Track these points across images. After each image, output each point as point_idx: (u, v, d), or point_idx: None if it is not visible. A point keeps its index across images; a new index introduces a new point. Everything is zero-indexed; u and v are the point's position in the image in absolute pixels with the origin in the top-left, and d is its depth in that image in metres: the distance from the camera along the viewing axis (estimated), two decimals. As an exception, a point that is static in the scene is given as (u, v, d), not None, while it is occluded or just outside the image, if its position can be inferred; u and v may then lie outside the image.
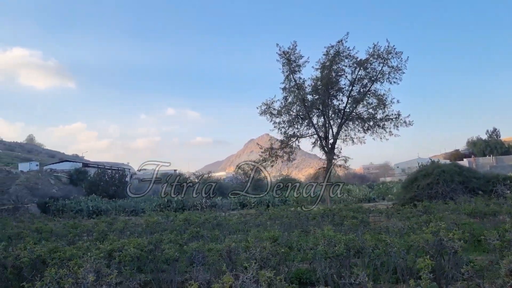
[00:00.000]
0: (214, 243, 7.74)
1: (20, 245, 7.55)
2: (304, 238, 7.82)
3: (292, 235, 7.40)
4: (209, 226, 12.02)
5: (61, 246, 6.53)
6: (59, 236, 10.56)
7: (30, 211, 39.80)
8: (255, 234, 7.90)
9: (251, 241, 5.90)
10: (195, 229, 9.00)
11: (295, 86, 24.55)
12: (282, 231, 9.37)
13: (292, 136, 25.15)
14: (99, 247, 6.35)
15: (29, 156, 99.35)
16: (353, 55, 23.84)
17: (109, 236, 8.86)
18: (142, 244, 6.18)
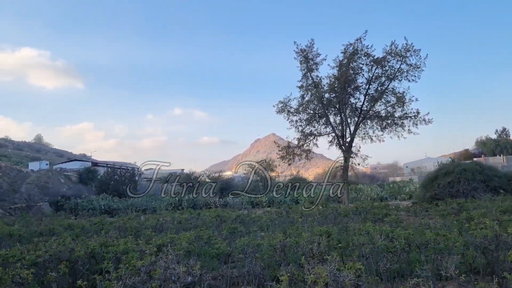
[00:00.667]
0: (252, 238, 7.68)
1: (59, 240, 7.52)
2: (345, 234, 7.73)
3: (332, 231, 7.29)
4: (240, 222, 11.91)
5: (110, 241, 6.49)
6: (90, 233, 10.53)
7: (42, 210, 40.00)
8: (294, 231, 7.80)
9: (305, 236, 5.83)
10: (232, 225, 8.94)
11: (312, 84, 24.45)
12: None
13: (310, 135, 25.04)
14: (148, 241, 6.30)
15: (38, 155, 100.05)
16: (370, 53, 23.71)
17: (146, 232, 8.82)
18: (191, 239, 6.12)
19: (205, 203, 41.02)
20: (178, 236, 6.42)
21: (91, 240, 6.82)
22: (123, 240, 6.58)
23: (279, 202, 39.61)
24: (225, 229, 8.61)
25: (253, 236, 8.47)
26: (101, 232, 9.76)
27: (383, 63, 23.80)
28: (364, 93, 24.52)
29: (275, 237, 6.02)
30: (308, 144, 25.26)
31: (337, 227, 8.68)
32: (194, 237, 6.40)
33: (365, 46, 23.57)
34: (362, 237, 5.82)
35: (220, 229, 10.35)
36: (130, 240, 6.38)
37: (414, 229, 7.39)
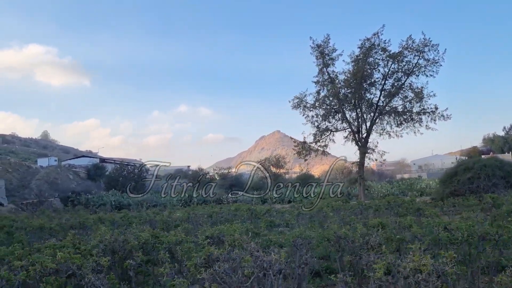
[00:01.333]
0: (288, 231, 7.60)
1: (98, 233, 7.49)
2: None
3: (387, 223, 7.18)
4: (268, 216, 11.85)
5: (157, 232, 6.45)
6: (121, 225, 10.51)
7: (53, 205, 40.16)
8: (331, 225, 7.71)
9: (360, 228, 5.75)
10: (269, 219, 8.88)
11: (328, 80, 24.30)
12: (343, 223, 9.23)
13: (326, 130, 24.90)
14: (201, 232, 6.25)
15: (45, 152, 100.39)
16: (387, 47, 23.50)
17: (182, 225, 8.77)
18: (242, 230, 6.06)
19: (216, 199, 41.05)
20: (227, 227, 6.36)
21: (139, 232, 6.79)
22: (172, 232, 6.55)
23: (290, 199, 39.57)
24: (262, 222, 8.57)
25: (291, 230, 8.35)
26: (132, 226, 9.73)
27: (399, 58, 23.59)
28: (380, 89, 24.33)
29: (333, 229, 5.96)
30: (324, 139, 25.13)
31: (377, 220, 8.56)
32: (242, 229, 6.33)
33: (382, 40, 23.41)
34: (419, 229, 5.75)
35: (254, 222, 10.32)
36: (178, 232, 6.34)
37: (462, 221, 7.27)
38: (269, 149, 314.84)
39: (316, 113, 24.79)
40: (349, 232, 5.63)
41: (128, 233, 6.84)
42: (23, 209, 36.69)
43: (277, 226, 9.41)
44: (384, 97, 24.23)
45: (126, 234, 6.36)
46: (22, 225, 10.60)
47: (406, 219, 7.41)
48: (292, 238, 5.69)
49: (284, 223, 10.68)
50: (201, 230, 6.98)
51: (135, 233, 6.62)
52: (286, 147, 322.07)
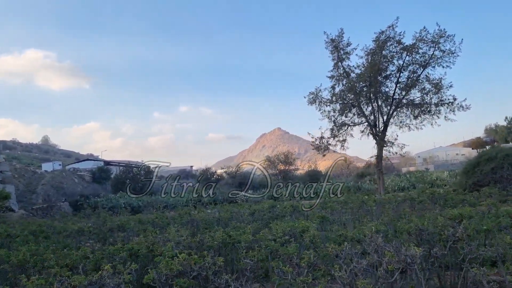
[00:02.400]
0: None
1: (143, 235, 7.32)
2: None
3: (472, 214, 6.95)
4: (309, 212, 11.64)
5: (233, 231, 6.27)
6: (160, 227, 10.29)
7: (63, 209, 39.97)
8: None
9: (441, 219, 5.57)
10: (321, 214, 8.71)
11: (344, 74, 24.14)
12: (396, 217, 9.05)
13: (343, 125, 24.77)
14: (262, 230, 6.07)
15: (47, 156, 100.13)
16: (401, 40, 23.32)
17: (232, 224, 8.55)
18: (309, 226, 5.89)
19: (226, 199, 40.93)
20: (293, 224, 6.18)
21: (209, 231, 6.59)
22: (242, 230, 6.35)
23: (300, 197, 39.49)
24: (315, 218, 8.36)
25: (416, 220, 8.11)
26: (174, 226, 9.51)
27: (413, 50, 23.40)
28: (395, 82, 24.15)
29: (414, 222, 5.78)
30: (342, 134, 25.00)
31: (433, 214, 8.42)
32: (307, 225, 6.14)
33: (397, 33, 23.23)
34: (504, 219, 5.59)
35: (295, 217, 10.16)
36: (249, 230, 6.16)
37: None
38: (270, 146, 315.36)
39: (333, 108, 24.69)
40: (428, 224, 5.46)
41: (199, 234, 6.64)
42: (34, 214, 36.47)
43: (331, 223, 9.20)
44: (400, 89, 24.08)
45: (198, 235, 6.17)
46: (59, 229, 10.40)
47: (466, 209, 7.23)
48: (370, 232, 5.49)
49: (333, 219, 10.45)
50: (256, 227, 6.79)
51: (208, 234, 6.42)
52: (287, 144, 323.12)
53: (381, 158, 24.76)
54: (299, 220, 7.35)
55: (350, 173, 66.55)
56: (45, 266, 5.03)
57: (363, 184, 44.76)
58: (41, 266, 5.08)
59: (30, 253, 5.46)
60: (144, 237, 6.66)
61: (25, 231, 10.31)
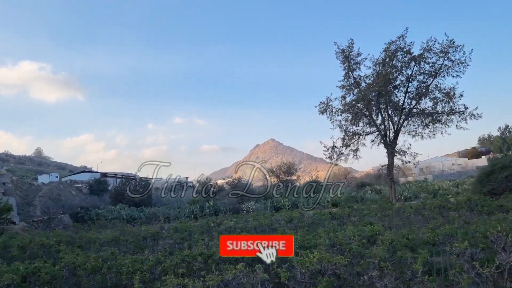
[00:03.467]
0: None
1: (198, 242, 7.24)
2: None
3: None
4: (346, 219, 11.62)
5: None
6: (197, 234, 10.21)
7: (63, 222, 39.43)
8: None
9: (507, 224, 5.61)
10: (368, 221, 8.72)
11: (354, 84, 24.36)
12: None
13: (355, 134, 24.89)
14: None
15: (40, 169, 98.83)
16: (411, 50, 23.62)
17: (279, 229, 8.50)
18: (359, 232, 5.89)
19: (230, 209, 40.68)
20: (362, 228, 6.18)
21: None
22: (312, 235, 6.33)
23: (302, 205, 39.43)
24: (364, 224, 8.37)
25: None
26: (212, 233, 9.43)
27: (420, 60, 23.70)
28: (404, 91, 24.40)
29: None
30: (355, 143, 25.12)
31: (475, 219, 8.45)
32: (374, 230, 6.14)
33: (408, 43, 23.54)
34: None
35: (334, 225, 10.13)
36: (322, 235, 6.14)
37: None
38: (264, 157, 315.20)
39: (345, 117, 24.85)
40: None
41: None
42: (35, 226, 35.92)
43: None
44: (410, 99, 24.33)
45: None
46: (93, 239, 10.22)
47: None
48: (441, 236, 5.51)
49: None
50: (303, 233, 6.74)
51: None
52: (281, 155, 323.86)
53: (392, 167, 24.89)
54: (360, 225, 7.31)
55: (348, 183, 66.66)
56: (120, 271, 4.94)
57: (366, 194, 44.86)
58: (116, 270, 4.99)
59: (101, 259, 5.38)
60: (199, 245, 6.58)
61: (58, 241, 10.14)
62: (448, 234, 5.40)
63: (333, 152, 25.27)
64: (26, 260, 8.67)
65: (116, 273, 4.89)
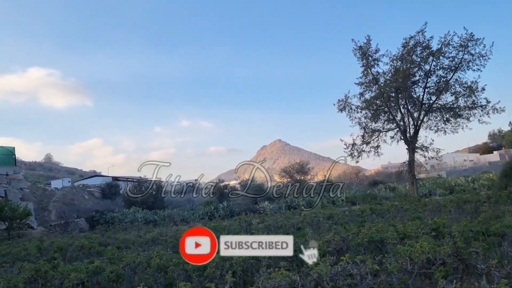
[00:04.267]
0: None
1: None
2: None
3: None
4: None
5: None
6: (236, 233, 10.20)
7: (80, 225, 39.66)
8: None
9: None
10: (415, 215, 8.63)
11: (373, 81, 24.21)
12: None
13: (375, 131, 24.74)
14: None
15: (51, 174, 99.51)
16: (430, 45, 23.37)
17: (324, 226, 8.44)
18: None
19: (243, 209, 40.60)
20: (425, 221, 6.12)
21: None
22: (375, 228, 6.28)
23: (321, 204, 39.41)
24: (412, 219, 8.30)
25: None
26: (252, 232, 9.40)
27: (439, 54, 23.46)
28: (423, 86, 24.16)
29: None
30: (375, 140, 24.97)
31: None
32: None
33: (427, 38, 23.30)
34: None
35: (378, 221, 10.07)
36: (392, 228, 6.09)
37: None
38: (271, 158, 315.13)
39: (364, 114, 24.70)
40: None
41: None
42: (52, 231, 36.18)
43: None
44: (429, 94, 24.09)
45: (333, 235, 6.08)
46: (133, 240, 10.25)
47: None
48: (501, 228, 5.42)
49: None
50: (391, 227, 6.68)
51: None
52: (288, 155, 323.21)
53: (413, 163, 24.70)
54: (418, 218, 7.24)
55: (360, 182, 66.35)
56: (186, 269, 4.92)
57: (380, 191, 44.62)
58: (182, 268, 4.97)
59: (166, 257, 5.36)
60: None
61: (91, 244, 10.16)
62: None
63: (354, 150, 25.16)
64: (66, 261, 8.66)
65: (182, 270, 4.87)
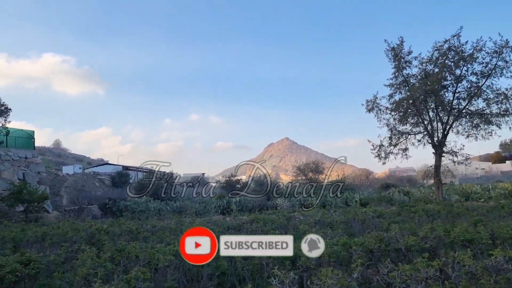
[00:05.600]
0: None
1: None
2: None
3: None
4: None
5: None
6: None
7: (92, 212, 39.75)
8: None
9: None
10: (476, 217, 8.49)
11: (403, 83, 23.98)
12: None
13: (403, 133, 24.53)
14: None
15: (60, 160, 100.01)
16: (464, 50, 23.04)
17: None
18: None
19: (257, 205, 40.55)
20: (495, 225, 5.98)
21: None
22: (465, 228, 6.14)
23: (331, 204, 39.20)
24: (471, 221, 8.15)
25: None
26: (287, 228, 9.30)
27: (471, 60, 23.16)
28: (453, 91, 23.89)
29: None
30: (404, 142, 24.77)
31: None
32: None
33: (461, 43, 22.99)
34: None
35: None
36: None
37: None
38: (277, 156, 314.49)
39: (393, 116, 24.49)
40: None
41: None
42: (67, 216, 36.30)
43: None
44: (458, 99, 23.82)
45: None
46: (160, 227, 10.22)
47: None
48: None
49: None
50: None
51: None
52: (295, 154, 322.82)
53: (439, 167, 24.49)
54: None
55: (370, 184, 66.04)
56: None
57: (394, 195, 44.40)
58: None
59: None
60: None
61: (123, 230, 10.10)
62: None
63: (381, 151, 24.95)
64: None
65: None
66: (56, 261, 6.82)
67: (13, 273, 5.11)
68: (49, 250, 9.29)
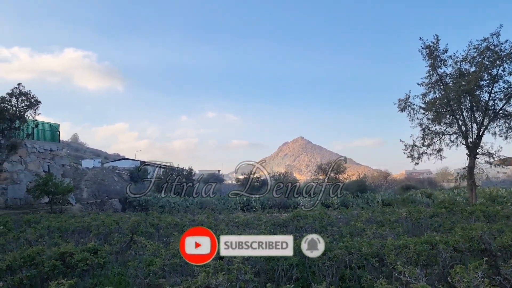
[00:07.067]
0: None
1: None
2: None
3: None
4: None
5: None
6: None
7: (113, 205, 40.07)
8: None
9: None
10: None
11: (438, 82, 23.38)
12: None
13: (437, 134, 23.97)
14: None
15: (78, 154, 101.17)
16: (503, 49, 22.21)
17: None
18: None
19: (278, 203, 40.47)
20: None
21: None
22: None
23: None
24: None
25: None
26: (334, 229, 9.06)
27: (509, 60, 22.37)
28: (489, 91, 23.14)
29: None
30: (438, 143, 24.24)
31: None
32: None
33: (501, 42, 22.20)
34: None
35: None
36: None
37: None
38: (292, 155, 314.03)
39: (426, 116, 23.93)
40: None
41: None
42: (89, 208, 36.65)
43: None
44: (493, 99, 23.04)
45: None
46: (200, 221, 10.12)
47: None
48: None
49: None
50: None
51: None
52: (309, 153, 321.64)
53: (473, 169, 23.88)
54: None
55: (388, 185, 65.26)
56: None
57: (416, 196, 43.94)
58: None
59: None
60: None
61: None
62: None
63: (414, 151, 24.41)
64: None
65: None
66: (111, 251, 6.73)
67: (84, 262, 5.02)
68: (94, 240, 9.24)
